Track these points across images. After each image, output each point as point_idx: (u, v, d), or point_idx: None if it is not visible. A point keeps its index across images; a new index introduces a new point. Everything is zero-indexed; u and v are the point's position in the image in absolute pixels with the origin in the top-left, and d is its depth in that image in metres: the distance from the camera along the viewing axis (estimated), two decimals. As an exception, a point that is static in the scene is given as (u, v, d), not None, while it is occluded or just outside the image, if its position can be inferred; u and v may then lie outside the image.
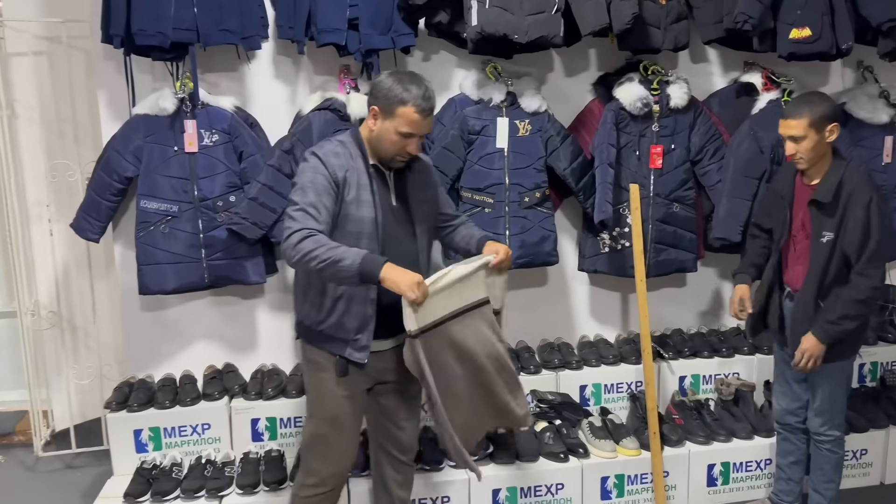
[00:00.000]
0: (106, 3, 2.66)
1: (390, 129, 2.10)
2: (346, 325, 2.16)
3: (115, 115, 2.95)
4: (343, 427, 2.26)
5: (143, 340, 3.11)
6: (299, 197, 2.07)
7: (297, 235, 2.01)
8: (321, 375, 2.23)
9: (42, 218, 3.43)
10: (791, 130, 2.44)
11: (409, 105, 2.06)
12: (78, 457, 3.50)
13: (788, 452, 2.80)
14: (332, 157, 2.12)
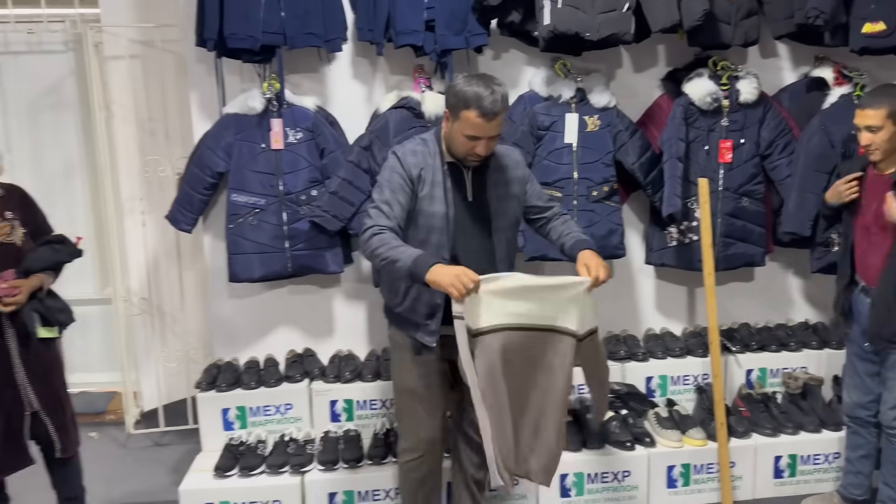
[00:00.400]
0: (200, 10, 2.85)
1: (458, 131, 2.20)
2: (418, 309, 2.31)
3: (206, 114, 3.14)
4: (421, 399, 2.41)
5: (229, 325, 3.29)
6: (377, 194, 2.25)
7: (368, 232, 2.18)
8: (400, 353, 2.43)
9: (135, 211, 3.68)
10: (868, 120, 2.46)
11: (472, 109, 2.14)
12: (165, 435, 3.74)
13: (858, 446, 2.81)
14: (410, 156, 2.26)
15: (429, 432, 2.46)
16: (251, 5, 2.78)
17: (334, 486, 2.85)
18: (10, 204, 2.51)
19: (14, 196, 2.55)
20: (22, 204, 2.56)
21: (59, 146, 4.02)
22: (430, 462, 2.51)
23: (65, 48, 3.98)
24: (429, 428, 2.46)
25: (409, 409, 2.45)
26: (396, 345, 2.45)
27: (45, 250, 2.54)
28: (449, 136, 2.26)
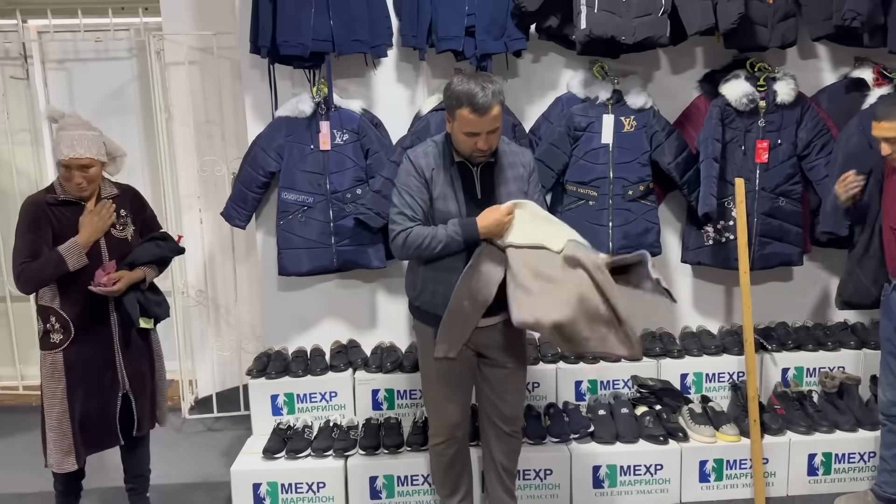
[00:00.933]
0: (255, 19, 3.03)
1: (457, 129, 2.31)
2: (436, 302, 2.42)
3: (259, 117, 3.32)
4: (443, 386, 2.54)
5: (279, 317, 3.47)
6: (397, 199, 2.41)
7: (400, 237, 2.36)
8: (424, 343, 2.56)
9: (193, 208, 3.89)
10: (886, 132, 2.51)
11: (464, 107, 2.25)
12: (218, 420, 3.95)
13: (893, 444, 2.82)
14: (421, 158, 2.40)
15: (452, 418, 2.58)
16: (302, 15, 2.94)
17: (375, 470, 2.99)
18: (125, 203, 2.74)
19: (128, 195, 2.79)
20: (134, 203, 2.79)
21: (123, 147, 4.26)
22: (455, 446, 2.63)
23: (129, 55, 4.23)
24: (451, 414, 2.58)
25: (434, 397, 2.59)
26: (421, 335, 2.58)
27: (149, 246, 2.76)
28: (453, 136, 2.37)
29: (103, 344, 2.68)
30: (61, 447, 2.66)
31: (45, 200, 2.62)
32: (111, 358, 2.69)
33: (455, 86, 2.29)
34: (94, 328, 2.65)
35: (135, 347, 2.76)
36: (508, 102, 3.26)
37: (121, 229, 2.70)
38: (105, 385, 2.70)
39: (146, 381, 2.81)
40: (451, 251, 2.34)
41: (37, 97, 4.25)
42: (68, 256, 2.53)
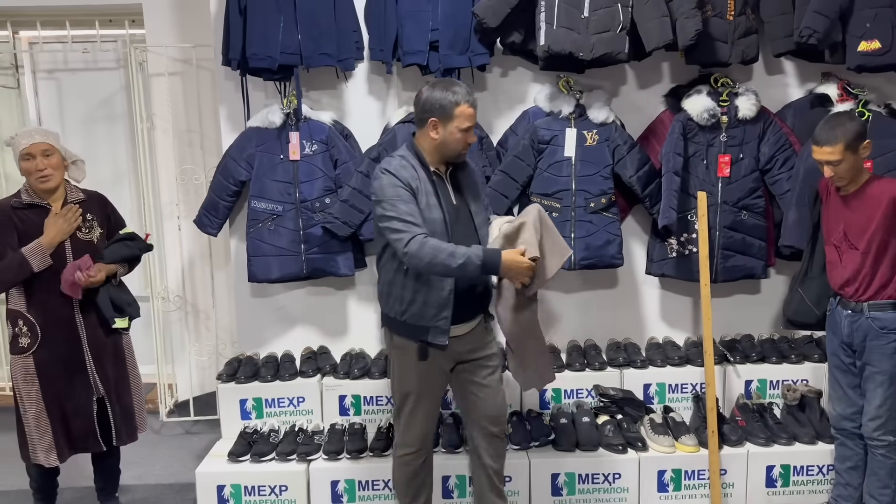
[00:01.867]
0: (226, 32, 3.12)
1: (453, 129, 2.39)
2: (427, 313, 2.45)
3: (233, 127, 3.41)
4: (420, 400, 2.58)
5: (253, 323, 3.54)
6: (393, 210, 2.35)
7: (414, 243, 2.31)
8: (402, 358, 2.56)
9: (172, 215, 3.98)
10: (826, 156, 2.55)
11: (463, 103, 2.37)
12: (196, 424, 4.02)
13: (846, 458, 2.85)
14: (402, 171, 2.41)
15: (427, 429, 2.64)
16: (270, 29, 3.03)
17: (337, 474, 3.04)
18: (91, 207, 2.84)
19: (94, 200, 2.88)
20: (100, 207, 2.89)
21: (110, 156, 4.39)
22: (423, 456, 2.68)
23: (116, 65, 4.35)
24: (427, 426, 2.63)
25: (409, 410, 2.59)
26: (399, 351, 2.57)
27: (118, 246, 2.86)
28: (441, 141, 2.41)
29: (72, 347, 2.75)
30: (43, 445, 2.74)
31: (10, 204, 2.71)
32: (81, 360, 2.77)
33: (438, 93, 2.38)
34: (61, 331, 2.73)
35: (105, 352, 2.83)
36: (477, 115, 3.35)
37: (86, 232, 2.79)
38: (77, 388, 2.77)
39: (121, 389, 2.88)
40: (465, 272, 2.34)
41: (27, 106, 4.38)
42: (31, 257, 2.62)
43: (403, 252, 2.33)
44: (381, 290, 2.58)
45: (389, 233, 2.36)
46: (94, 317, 2.79)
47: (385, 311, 2.58)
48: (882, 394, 2.63)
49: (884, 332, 2.60)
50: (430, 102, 2.39)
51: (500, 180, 3.20)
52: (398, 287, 2.49)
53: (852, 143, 2.52)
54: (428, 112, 2.41)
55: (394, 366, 2.64)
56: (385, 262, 2.53)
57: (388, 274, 2.52)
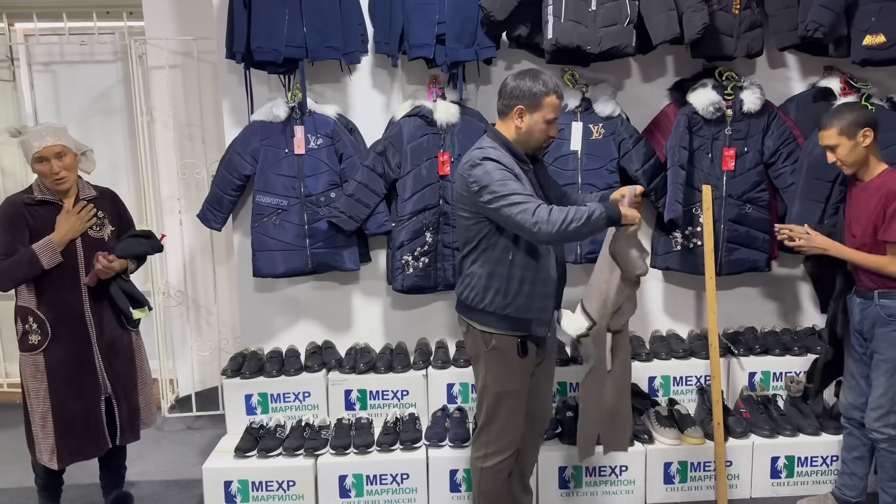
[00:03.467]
0: (230, 25, 3.09)
1: (539, 119, 2.35)
2: (532, 304, 2.41)
3: (237, 121, 3.38)
4: (518, 401, 2.50)
5: (256, 318, 3.53)
6: (506, 188, 2.25)
7: (542, 210, 2.22)
8: (502, 358, 2.45)
9: (173, 210, 3.95)
10: (825, 140, 2.64)
11: (552, 94, 2.33)
12: (197, 419, 4.00)
13: (853, 447, 2.86)
14: (504, 158, 2.33)
15: (520, 431, 2.55)
16: (275, 21, 3.00)
17: (344, 469, 3.04)
18: (103, 204, 2.81)
19: (106, 197, 2.85)
20: (112, 205, 2.86)
21: (107, 149, 4.33)
22: (513, 462, 2.58)
23: (114, 58, 4.30)
24: (520, 427, 2.55)
25: (508, 412, 2.49)
26: (498, 351, 2.45)
27: (131, 241, 2.83)
28: (526, 130, 2.36)
29: (81, 346, 2.72)
30: (47, 447, 2.71)
31: (22, 200, 2.68)
32: (90, 359, 2.73)
33: (528, 82, 2.33)
34: (71, 329, 2.70)
35: (116, 350, 2.80)
36: (481, 109, 3.35)
37: (97, 230, 2.76)
38: (87, 388, 2.74)
39: (129, 387, 2.85)
40: (594, 228, 2.27)
41: (23, 99, 4.33)
42: (42, 254, 2.59)
43: (533, 222, 2.22)
44: (476, 285, 2.43)
45: (509, 209, 2.24)
46: (105, 314, 2.76)
47: (480, 306, 2.44)
48: (884, 383, 2.63)
49: (891, 320, 2.61)
50: (518, 90, 2.34)
51: (506, 174, 3.19)
52: (501, 279, 2.39)
53: (847, 128, 2.58)
54: (516, 99, 2.35)
55: (487, 367, 2.48)
56: (483, 255, 2.41)
57: (487, 266, 2.41)
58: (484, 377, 2.50)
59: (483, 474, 2.56)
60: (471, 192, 2.32)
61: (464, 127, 3.21)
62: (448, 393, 3.33)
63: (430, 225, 3.22)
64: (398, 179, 3.21)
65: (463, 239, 2.48)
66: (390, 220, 3.25)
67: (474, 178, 2.30)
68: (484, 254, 2.40)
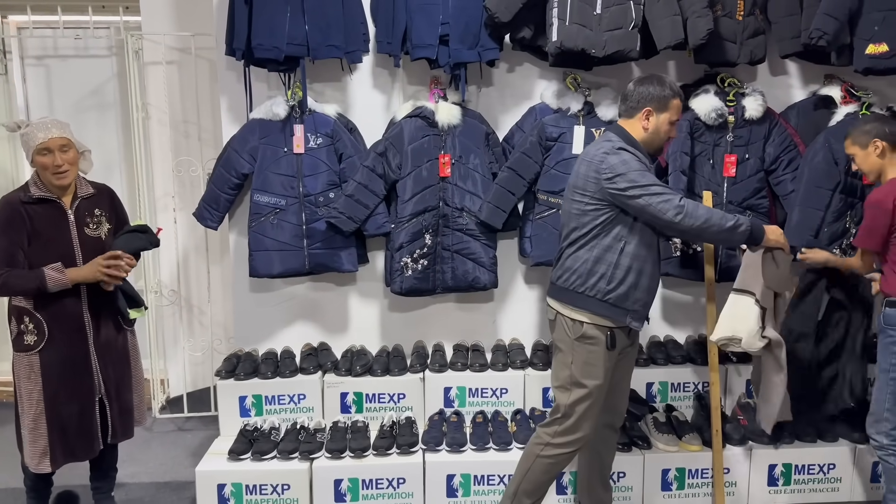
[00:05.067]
0: (230, 21, 3.05)
1: (664, 120, 2.48)
2: (633, 295, 2.47)
3: (235, 118, 3.34)
4: (601, 392, 2.55)
5: (251, 318, 3.48)
6: (645, 179, 2.38)
7: (686, 202, 2.38)
8: (591, 347, 2.50)
9: (168, 208, 3.90)
10: (846, 150, 2.78)
11: (677, 97, 2.47)
12: (188, 420, 3.95)
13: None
14: (638, 153, 2.47)
15: (592, 429, 2.58)
16: (277, 19, 2.96)
17: (340, 473, 3.00)
18: (101, 201, 2.75)
19: (104, 194, 2.79)
20: (110, 202, 2.80)
21: (101, 145, 4.27)
22: (573, 455, 2.63)
23: (109, 53, 4.24)
24: (594, 424, 2.58)
25: (587, 407, 2.51)
26: (589, 341, 2.49)
27: (129, 237, 2.76)
28: (653, 131, 2.49)
29: (78, 347, 2.67)
30: (36, 449, 2.65)
31: (19, 199, 2.61)
32: (86, 361, 2.68)
33: (654, 86, 2.46)
34: (68, 330, 2.65)
35: (111, 351, 2.75)
36: (483, 111, 3.33)
37: (94, 228, 2.70)
38: (83, 390, 2.69)
39: (122, 387, 2.80)
40: (732, 237, 2.46)
41: (15, 93, 4.26)
42: (51, 281, 2.55)
43: (676, 212, 2.35)
44: (580, 269, 2.48)
45: (649, 198, 2.35)
46: (102, 315, 2.71)
47: (580, 290, 2.48)
48: (877, 390, 2.65)
49: (885, 327, 2.63)
50: (646, 93, 2.47)
51: (507, 177, 3.17)
52: (609, 265, 2.44)
53: (859, 139, 2.71)
54: (644, 101, 2.47)
55: (574, 357, 2.52)
56: (592, 241, 2.46)
57: (595, 251, 2.46)
58: (569, 367, 2.52)
59: (537, 462, 2.58)
60: (600, 179, 2.41)
61: (465, 129, 3.18)
62: (445, 396, 3.30)
63: (430, 227, 3.19)
64: (398, 180, 3.18)
65: (572, 226, 2.51)
66: (389, 221, 3.22)
67: (609, 164, 2.40)
68: (594, 240, 2.46)
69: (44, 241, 2.60)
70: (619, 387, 2.69)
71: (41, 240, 2.59)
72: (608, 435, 2.76)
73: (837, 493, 3.14)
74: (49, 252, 2.59)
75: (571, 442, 2.55)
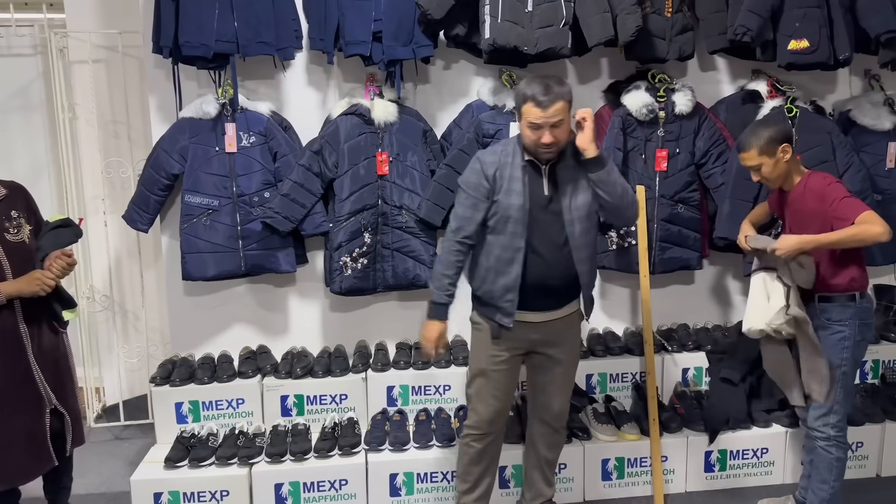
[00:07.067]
0: (157, 18, 2.97)
1: (524, 125, 2.42)
2: (494, 292, 2.52)
3: (164, 117, 3.25)
4: (491, 381, 2.62)
5: (187, 323, 3.40)
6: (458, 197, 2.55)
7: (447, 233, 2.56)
8: (478, 335, 2.65)
9: (98, 211, 3.78)
10: (747, 162, 2.67)
11: (529, 101, 2.37)
12: (126, 429, 3.84)
13: (809, 450, 2.84)
14: (488, 156, 2.52)
15: (491, 412, 2.65)
16: (205, 15, 2.90)
17: (280, 477, 2.95)
18: (16, 202, 2.56)
19: (18, 195, 2.59)
20: (26, 201, 2.61)
21: (27, 147, 4.12)
22: (484, 441, 2.69)
23: (33, 52, 4.08)
24: (492, 408, 2.65)
25: (478, 389, 2.64)
26: (476, 327, 2.65)
27: (54, 234, 2.60)
28: (522, 134, 2.46)
29: (16, 360, 2.50)
30: None
31: None
32: (28, 373, 2.52)
33: (522, 87, 2.42)
34: (5, 344, 2.49)
35: (50, 359, 2.59)
36: (420, 108, 3.32)
37: (15, 232, 2.53)
38: (27, 401, 2.53)
39: (68, 394, 2.66)
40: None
41: (-68, 93, 4.06)
42: None
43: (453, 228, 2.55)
44: (469, 264, 2.63)
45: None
46: (38, 323, 2.56)
47: (469, 284, 2.65)
48: None
49: (829, 323, 2.65)
50: (515, 94, 2.49)
51: (445, 174, 3.17)
52: (474, 263, 2.59)
53: (767, 147, 2.59)
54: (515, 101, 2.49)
55: (471, 342, 2.72)
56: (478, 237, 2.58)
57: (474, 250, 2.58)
58: (470, 351, 2.75)
59: (459, 448, 2.77)
60: None
61: (402, 126, 3.17)
62: (388, 396, 3.28)
63: (369, 225, 3.17)
64: (335, 179, 3.15)
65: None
66: (327, 220, 3.18)
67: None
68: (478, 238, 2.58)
69: None
70: (546, 388, 2.69)
71: None
72: (542, 430, 2.77)
73: (771, 476, 3.24)
74: None
75: (471, 425, 2.68)
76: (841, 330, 2.65)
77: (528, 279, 2.48)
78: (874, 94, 3.50)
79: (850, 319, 2.64)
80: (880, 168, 3.42)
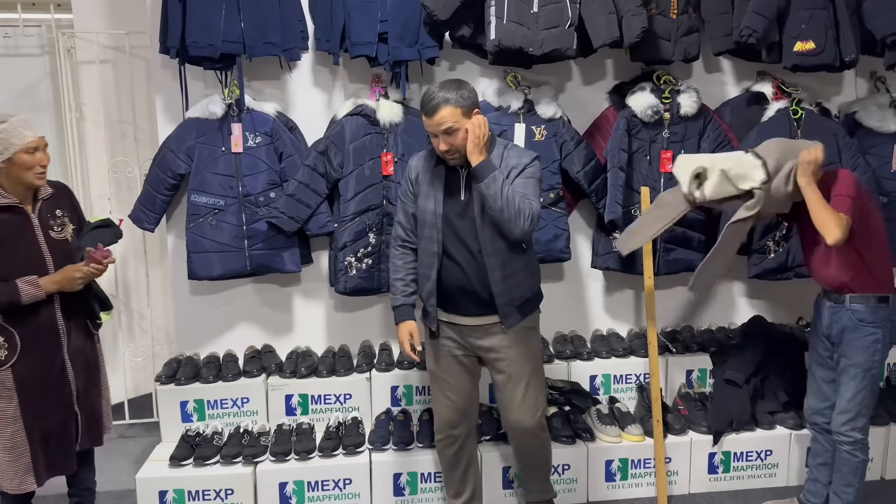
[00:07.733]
0: (164, 19, 2.99)
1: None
2: (422, 295, 2.58)
3: (171, 118, 3.27)
4: (440, 381, 2.65)
5: (192, 322, 3.41)
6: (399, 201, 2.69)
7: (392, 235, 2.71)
8: (426, 337, 2.68)
9: (104, 210, 3.78)
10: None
11: (422, 112, 2.39)
12: (131, 427, 3.86)
13: (817, 453, 2.85)
14: (414, 160, 2.60)
15: (444, 416, 2.68)
16: (212, 16, 2.91)
17: (285, 476, 2.97)
18: (61, 202, 2.62)
19: (63, 194, 2.65)
20: (70, 201, 2.67)
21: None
22: (452, 445, 2.70)
23: (40, 52, 4.10)
24: (444, 412, 2.67)
25: (433, 391, 2.71)
26: (423, 330, 2.67)
27: (96, 234, 2.65)
28: None
29: (53, 355, 2.53)
30: (17, 467, 2.50)
31: None
32: (62, 370, 2.55)
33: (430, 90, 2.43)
34: (43, 341, 2.51)
35: (81, 358, 2.62)
36: (424, 109, 3.31)
37: (59, 230, 2.57)
38: (62, 400, 2.56)
39: (93, 394, 2.68)
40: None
41: (-60, 93, 4.09)
42: (25, 296, 2.42)
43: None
44: None
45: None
46: (76, 320, 2.60)
47: None
48: (854, 387, 2.62)
49: (861, 325, 2.60)
50: None
51: (449, 175, 3.18)
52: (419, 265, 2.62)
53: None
54: None
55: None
56: None
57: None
58: None
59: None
60: None
61: (407, 127, 3.18)
62: (392, 395, 3.29)
63: (374, 226, 3.18)
64: (340, 179, 3.16)
65: None
66: (332, 220, 3.19)
67: None
68: None
69: (10, 251, 2.45)
70: (501, 400, 2.68)
71: (7, 249, 2.44)
72: (512, 433, 2.75)
73: (775, 478, 3.24)
74: (18, 261, 2.45)
75: (436, 429, 2.74)
76: (874, 332, 2.60)
77: (446, 284, 2.52)
78: (880, 97, 3.49)
79: (882, 321, 2.60)
80: (886, 170, 3.41)
